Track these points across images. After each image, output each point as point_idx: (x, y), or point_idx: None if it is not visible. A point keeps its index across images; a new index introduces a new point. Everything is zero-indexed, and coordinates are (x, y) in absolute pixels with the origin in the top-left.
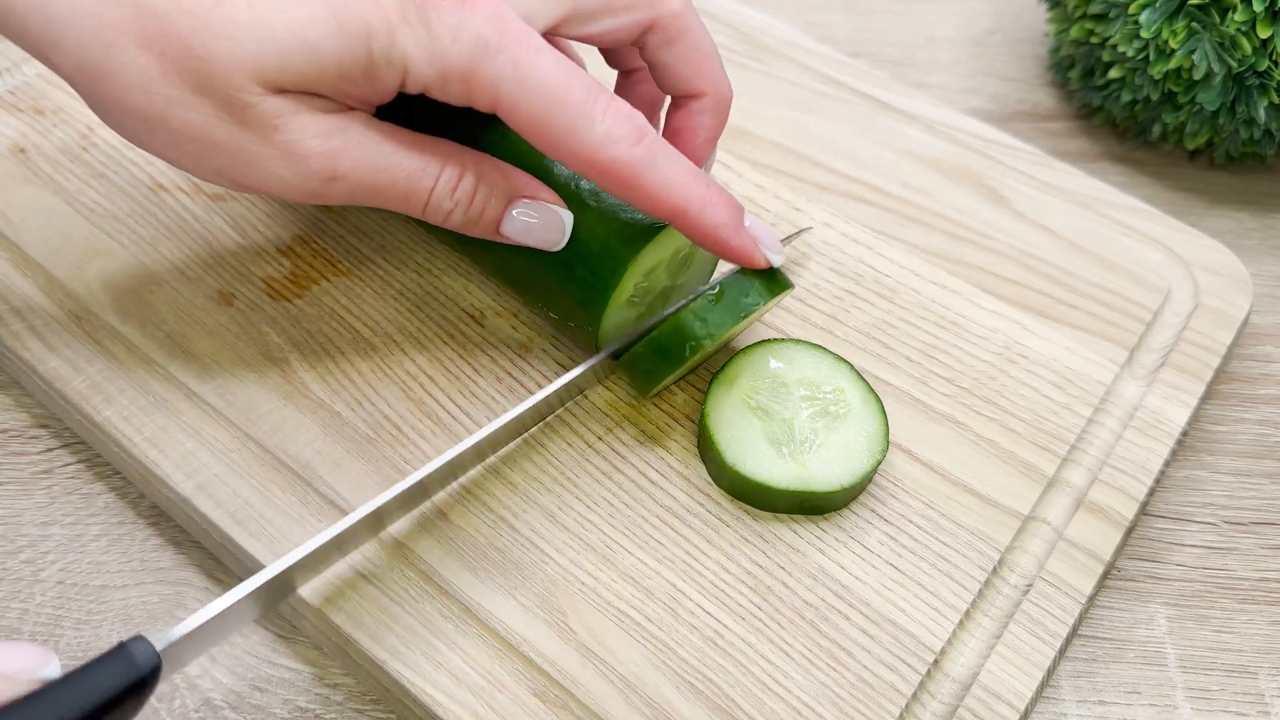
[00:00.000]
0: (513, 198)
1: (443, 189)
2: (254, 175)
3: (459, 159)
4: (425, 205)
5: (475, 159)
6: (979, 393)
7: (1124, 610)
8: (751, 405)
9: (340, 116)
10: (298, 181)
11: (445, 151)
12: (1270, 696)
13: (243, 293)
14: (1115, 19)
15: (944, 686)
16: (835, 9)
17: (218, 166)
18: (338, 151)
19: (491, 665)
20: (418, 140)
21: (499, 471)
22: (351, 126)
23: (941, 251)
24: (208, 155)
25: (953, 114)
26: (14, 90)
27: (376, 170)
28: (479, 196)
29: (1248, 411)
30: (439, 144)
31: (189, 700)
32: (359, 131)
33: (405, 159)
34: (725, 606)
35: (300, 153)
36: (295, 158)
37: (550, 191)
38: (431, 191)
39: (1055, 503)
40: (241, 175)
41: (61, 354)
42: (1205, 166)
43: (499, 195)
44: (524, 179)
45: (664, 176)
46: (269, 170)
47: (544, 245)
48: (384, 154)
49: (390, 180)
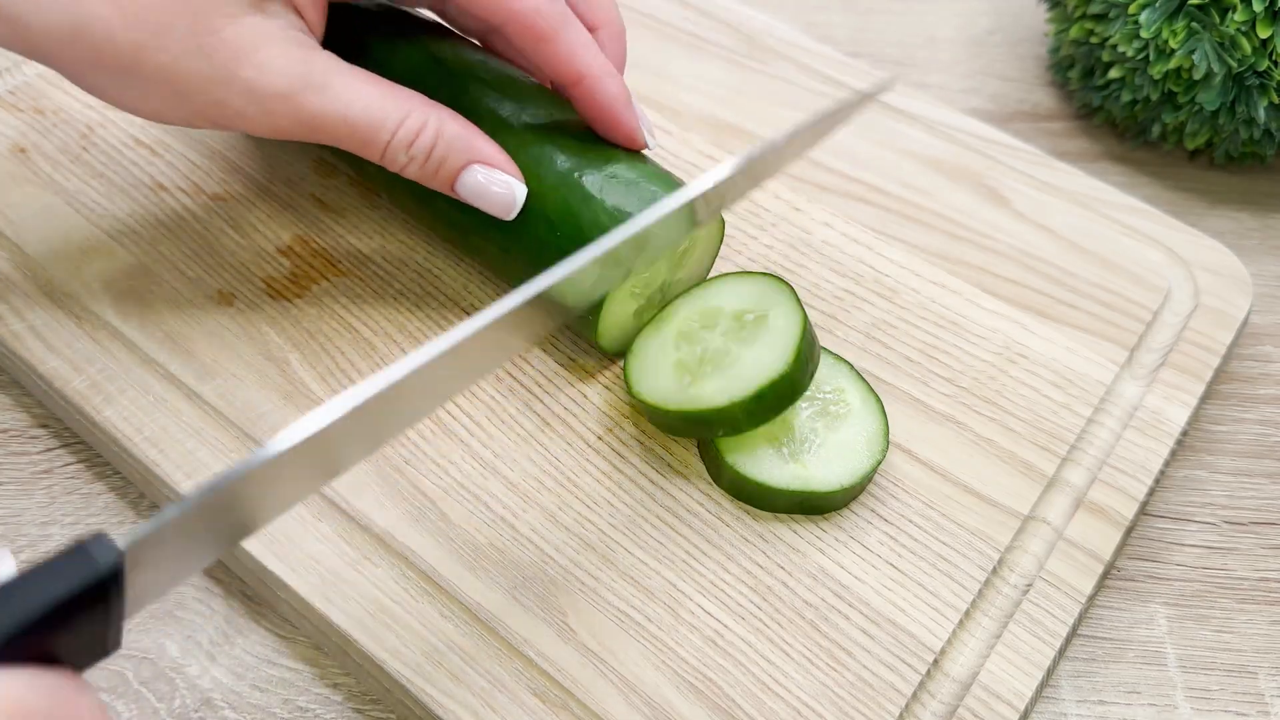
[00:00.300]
0: (471, 160)
1: (400, 140)
2: (224, 113)
3: (423, 111)
4: (382, 153)
5: (440, 114)
6: (979, 393)
7: (1124, 610)
8: None
9: (305, 52)
10: (264, 119)
11: (410, 102)
12: (1270, 696)
13: (243, 293)
14: (1115, 19)
15: (944, 686)
16: (835, 9)
17: (191, 110)
18: (301, 91)
19: (491, 665)
20: (384, 87)
21: (498, 471)
22: (317, 64)
23: (941, 251)
24: (180, 98)
25: (953, 114)
26: (14, 90)
27: (339, 112)
28: (436, 152)
29: (1248, 411)
30: (405, 94)
31: (189, 700)
32: (322, 70)
33: (369, 104)
34: (725, 606)
35: (264, 91)
36: (259, 95)
37: (511, 164)
38: (389, 143)
39: (1055, 502)
40: (213, 113)
41: (61, 354)
42: (1205, 166)
43: (457, 154)
44: (485, 145)
45: (573, 38)
46: (236, 108)
47: (495, 212)
48: (349, 97)
49: (350, 125)
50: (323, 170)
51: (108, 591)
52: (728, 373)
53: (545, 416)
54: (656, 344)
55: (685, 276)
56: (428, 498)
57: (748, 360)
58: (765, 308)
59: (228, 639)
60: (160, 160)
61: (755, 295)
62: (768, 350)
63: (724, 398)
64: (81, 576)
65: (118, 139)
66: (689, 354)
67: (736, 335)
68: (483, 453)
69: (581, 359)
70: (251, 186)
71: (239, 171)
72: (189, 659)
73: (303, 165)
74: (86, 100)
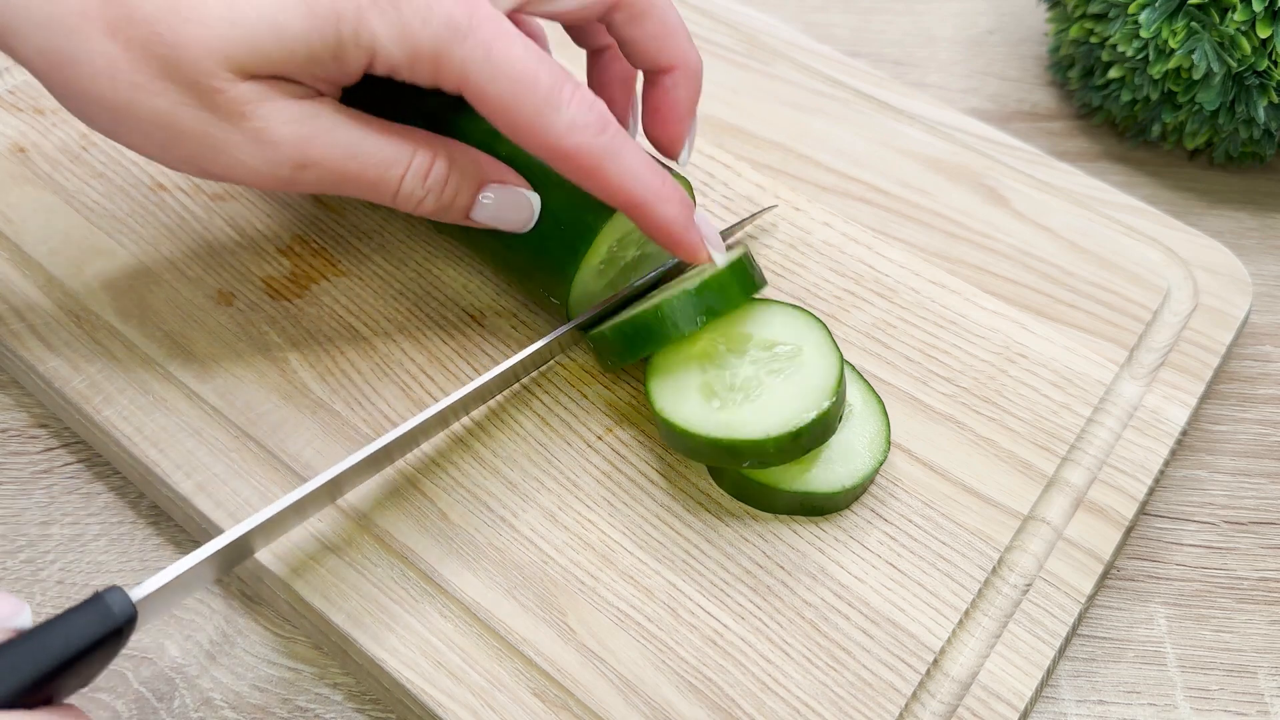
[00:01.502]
0: (482, 183)
1: (414, 177)
2: (223, 163)
3: (429, 146)
4: (396, 193)
5: (444, 145)
6: (978, 392)
7: (1123, 610)
8: None
9: (310, 103)
10: (267, 169)
11: (416, 138)
12: (1270, 696)
13: (243, 292)
14: (1115, 19)
15: (943, 686)
16: (835, 9)
17: (186, 154)
18: (308, 138)
19: (491, 665)
20: (388, 127)
21: (498, 471)
22: (321, 113)
23: (941, 251)
24: (175, 143)
25: (952, 114)
26: (14, 90)
27: (347, 157)
28: (450, 184)
29: (1247, 411)
30: (409, 131)
31: (189, 700)
32: (329, 118)
33: (377, 146)
34: (725, 606)
35: (270, 140)
36: (265, 145)
37: (517, 175)
38: (402, 179)
39: (1055, 502)
40: (210, 163)
41: (61, 354)
42: (1204, 166)
43: (469, 181)
44: (491, 164)
45: (624, 167)
46: (238, 158)
47: (512, 228)
48: (355, 140)
49: (360, 168)
50: None
51: (120, 639)
52: (759, 404)
53: (545, 416)
54: (680, 362)
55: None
56: (428, 498)
57: (783, 394)
58: (799, 341)
59: (228, 639)
60: None
61: (787, 326)
62: (806, 387)
63: (759, 431)
64: (98, 629)
65: None
66: (716, 378)
67: (768, 365)
68: (483, 453)
69: (581, 359)
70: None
71: None
72: (189, 659)
73: None
74: None
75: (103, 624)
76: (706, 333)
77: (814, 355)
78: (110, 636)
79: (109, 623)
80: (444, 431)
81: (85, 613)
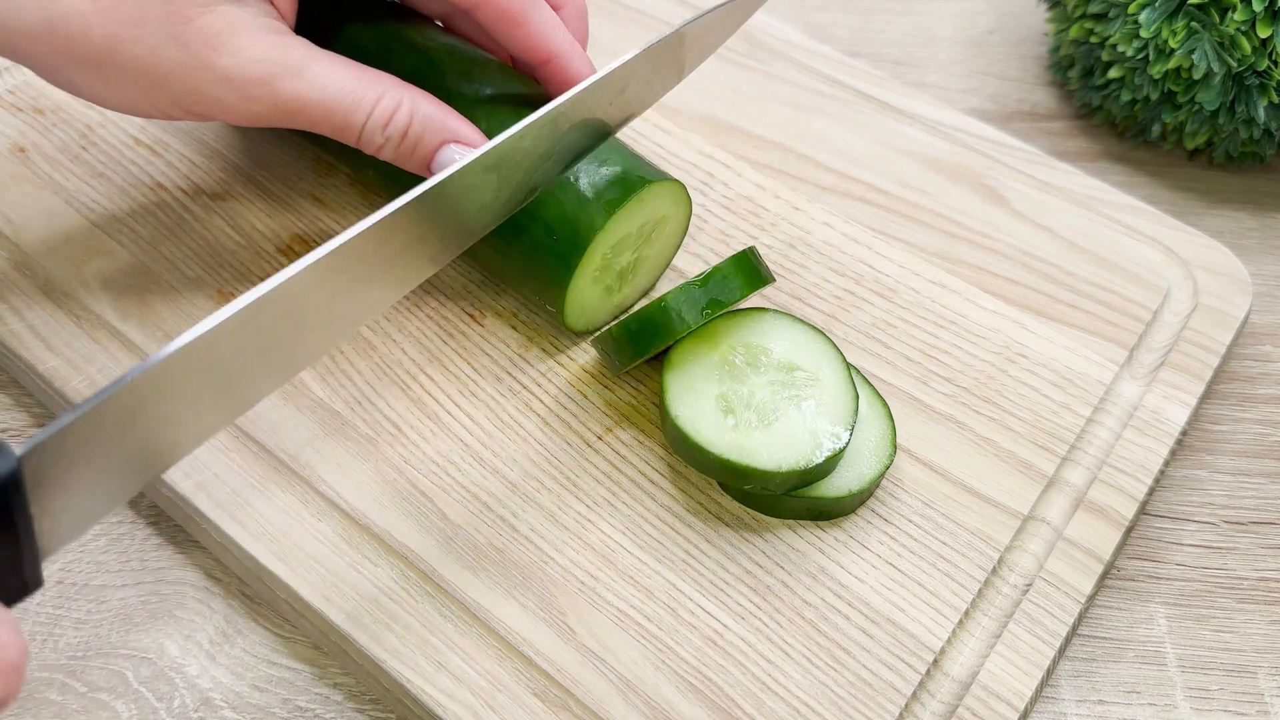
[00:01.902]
0: (446, 140)
1: (376, 120)
2: (201, 102)
3: (396, 92)
4: (359, 135)
5: (413, 94)
6: (978, 392)
7: (1123, 610)
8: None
9: (279, 38)
10: (242, 105)
11: (385, 84)
12: (1270, 696)
13: (242, 292)
14: (1115, 19)
15: (943, 686)
16: (835, 9)
17: (169, 100)
18: (277, 76)
19: (491, 665)
20: (358, 69)
21: (498, 471)
22: (290, 51)
23: (941, 251)
24: (157, 89)
25: (952, 113)
26: (14, 90)
27: (315, 96)
28: (411, 131)
29: (1247, 411)
30: (379, 76)
31: (189, 700)
32: (298, 56)
33: (344, 86)
34: (725, 606)
35: (241, 78)
36: (236, 82)
37: (481, 136)
38: (365, 124)
39: (1055, 502)
40: (191, 103)
41: (61, 353)
42: (1204, 166)
43: (432, 134)
44: (459, 123)
45: (542, 19)
46: (213, 95)
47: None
48: (324, 80)
49: (326, 108)
50: (321, 169)
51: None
52: (773, 431)
53: (545, 416)
54: (698, 367)
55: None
56: (428, 498)
57: (798, 426)
58: (817, 367)
59: (228, 639)
60: (160, 160)
61: (808, 350)
62: (821, 422)
63: (770, 462)
64: None
65: (117, 139)
66: (733, 392)
67: (784, 389)
68: (483, 453)
69: (581, 359)
70: (251, 186)
71: (239, 171)
72: (189, 659)
73: (301, 165)
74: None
75: None
76: (724, 337)
77: (831, 385)
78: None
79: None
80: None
81: None
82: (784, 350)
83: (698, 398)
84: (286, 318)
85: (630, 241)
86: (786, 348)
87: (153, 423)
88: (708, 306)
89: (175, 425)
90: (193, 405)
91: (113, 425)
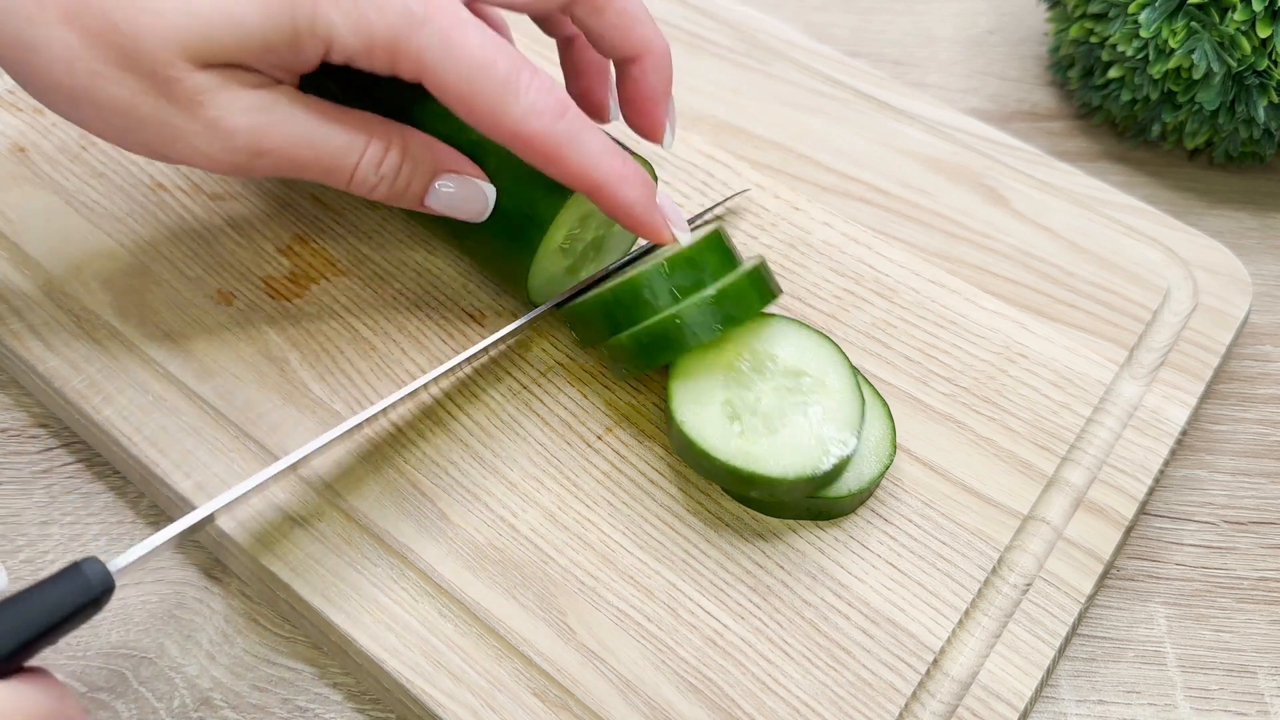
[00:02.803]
0: (437, 172)
1: (368, 164)
2: (180, 150)
3: (384, 133)
4: (350, 180)
5: (400, 133)
6: (978, 392)
7: (1123, 610)
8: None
9: (267, 91)
10: (224, 156)
11: (371, 126)
12: (1270, 696)
13: (242, 292)
14: (1115, 18)
15: (943, 686)
16: (835, 9)
17: (144, 141)
18: (264, 127)
19: (491, 665)
20: (344, 114)
21: (498, 471)
22: (278, 101)
23: (941, 251)
24: (134, 130)
25: (952, 113)
26: (14, 90)
27: (302, 145)
28: (404, 172)
29: (1247, 411)
30: (365, 118)
31: (189, 699)
32: (285, 106)
33: (332, 134)
34: (725, 606)
35: (226, 128)
36: (221, 133)
37: (474, 166)
38: (356, 166)
39: (1054, 502)
40: (169, 150)
41: (61, 353)
42: (1204, 166)
43: (423, 170)
44: (448, 153)
45: (583, 151)
46: (195, 145)
47: (468, 217)
48: (310, 129)
49: (315, 155)
50: None
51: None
52: (780, 439)
53: (545, 416)
54: (704, 373)
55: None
56: (427, 498)
57: (804, 433)
58: (823, 373)
59: (228, 639)
60: (160, 160)
61: (815, 356)
62: (827, 428)
63: (776, 469)
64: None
65: None
66: (739, 398)
67: (790, 395)
68: (483, 453)
69: (581, 359)
70: (251, 186)
71: None
72: (189, 659)
73: None
74: None
75: (82, 595)
76: (730, 344)
77: (837, 391)
78: (87, 607)
79: (87, 593)
80: (443, 430)
81: (63, 583)
82: (790, 356)
83: (703, 404)
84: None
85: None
86: (793, 353)
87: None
88: (720, 321)
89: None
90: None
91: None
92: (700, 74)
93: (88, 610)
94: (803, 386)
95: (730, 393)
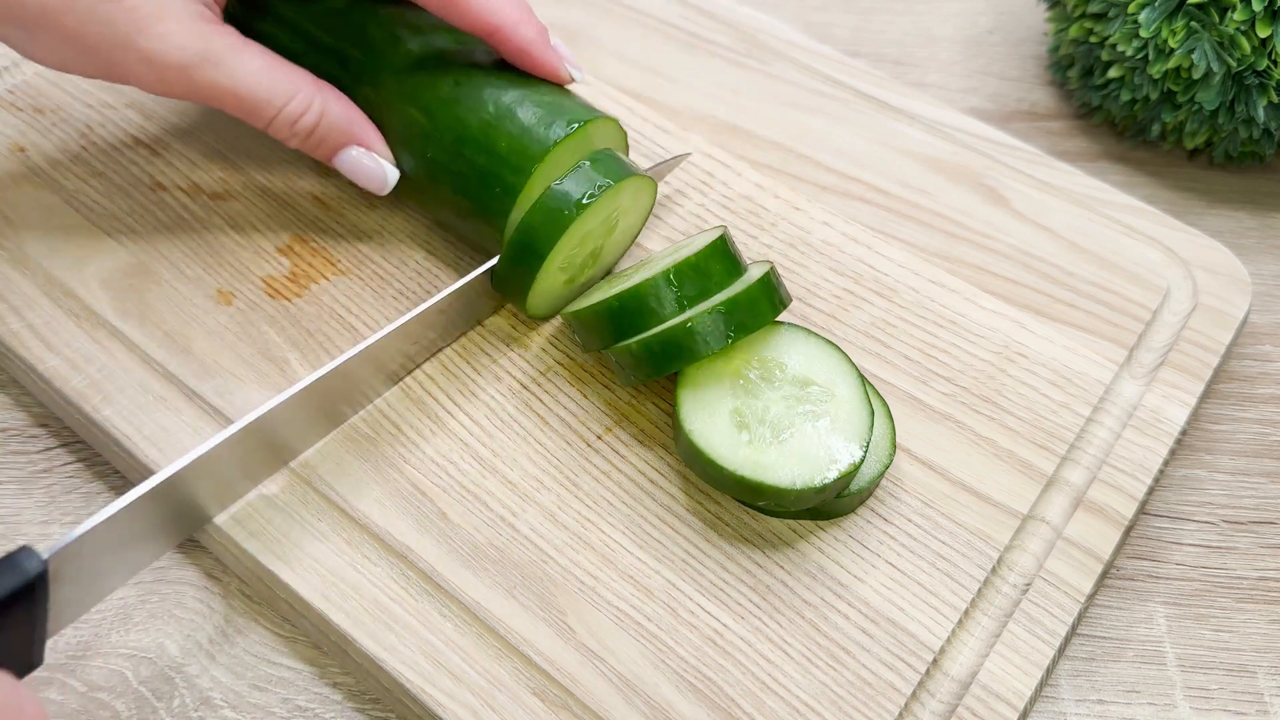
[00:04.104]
0: (348, 142)
1: (284, 118)
2: (124, 75)
3: (307, 95)
4: (267, 126)
5: (324, 98)
6: (978, 392)
7: (1123, 609)
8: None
9: (206, 25)
10: (159, 86)
11: (298, 83)
12: (1269, 696)
13: (242, 292)
14: (1114, 18)
15: (943, 685)
16: (835, 9)
17: (95, 66)
18: (195, 64)
19: (491, 665)
20: (274, 67)
21: (498, 471)
22: (215, 40)
23: (940, 251)
24: (82, 58)
25: (952, 113)
26: (13, 89)
27: (227, 91)
28: (315, 134)
29: (1246, 411)
30: (295, 76)
31: (189, 699)
32: (221, 47)
33: (258, 82)
34: (724, 605)
35: (161, 61)
36: (156, 65)
37: (384, 146)
38: (273, 118)
39: (1054, 502)
40: (115, 75)
41: (60, 353)
42: (1204, 166)
43: (335, 136)
44: (365, 129)
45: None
46: (135, 73)
47: (370, 188)
48: (240, 73)
49: (239, 99)
50: (322, 170)
51: (34, 599)
52: (788, 448)
53: (545, 416)
54: (712, 381)
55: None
56: (428, 498)
57: (813, 442)
58: (832, 382)
59: (228, 639)
60: (160, 160)
61: (824, 365)
62: (836, 438)
63: (784, 479)
64: (7, 584)
65: (117, 138)
66: (748, 407)
67: (798, 404)
68: (483, 453)
69: (581, 358)
70: (251, 186)
71: (239, 171)
72: (189, 658)
73: (302, 165)
74: (86, 99)
75: (12, 579)
76: (739, 352)
77: (846, 401)
78: (23, 593)
79: (19, 578)
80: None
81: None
82: (799, 365)
83: (712, 412)
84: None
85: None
86: (801, 362)
87: (189, 502)
88: (733, 330)
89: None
90: (235, 474)
91: (141, 519)
92: (700, 74)
93: (23, 599)
94: (811, 395)
95: (739, 401)
